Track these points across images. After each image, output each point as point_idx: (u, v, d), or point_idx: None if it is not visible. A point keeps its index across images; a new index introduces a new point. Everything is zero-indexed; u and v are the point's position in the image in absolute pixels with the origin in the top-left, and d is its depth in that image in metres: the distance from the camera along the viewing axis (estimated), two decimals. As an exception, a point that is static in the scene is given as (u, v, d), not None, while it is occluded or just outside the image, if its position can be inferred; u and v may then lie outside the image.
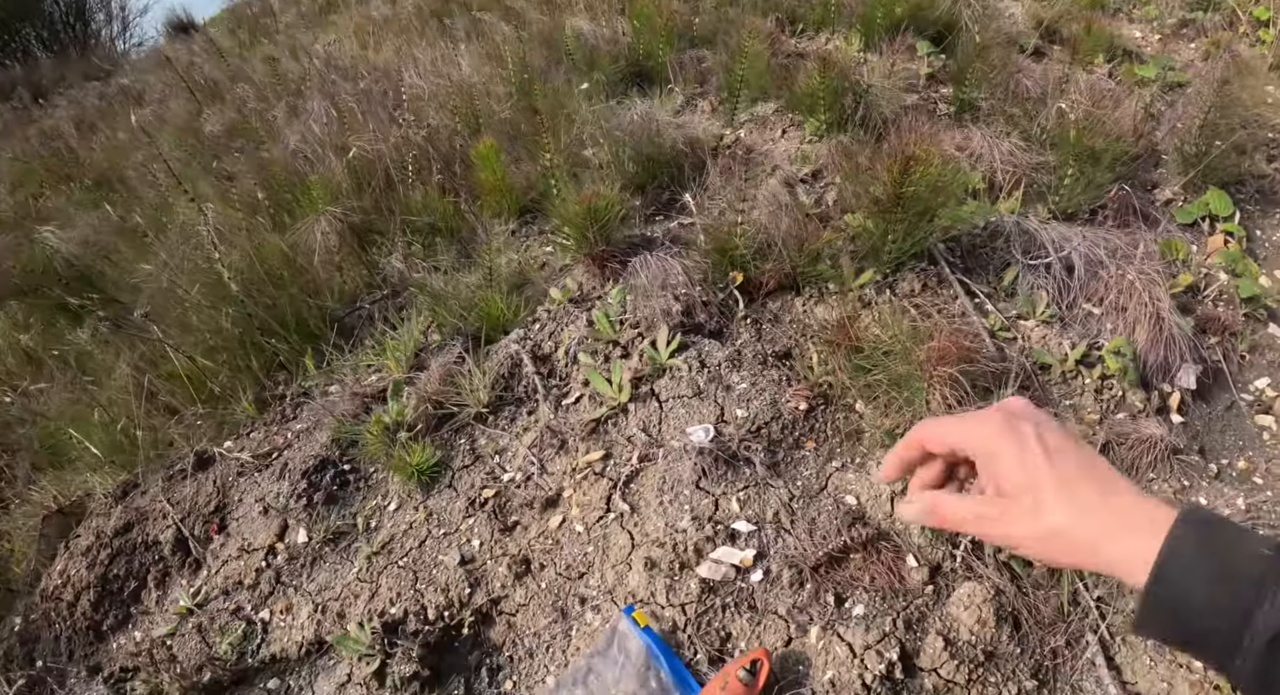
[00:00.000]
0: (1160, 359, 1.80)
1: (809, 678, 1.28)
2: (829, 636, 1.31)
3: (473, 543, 1.63)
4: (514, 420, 1.81)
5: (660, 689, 1.29)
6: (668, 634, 1.35)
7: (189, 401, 2.37)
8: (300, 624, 1.72)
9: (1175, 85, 2.76)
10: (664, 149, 2.34)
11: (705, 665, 1.32)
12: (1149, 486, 1.59)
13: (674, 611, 1.37)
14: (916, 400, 1.48)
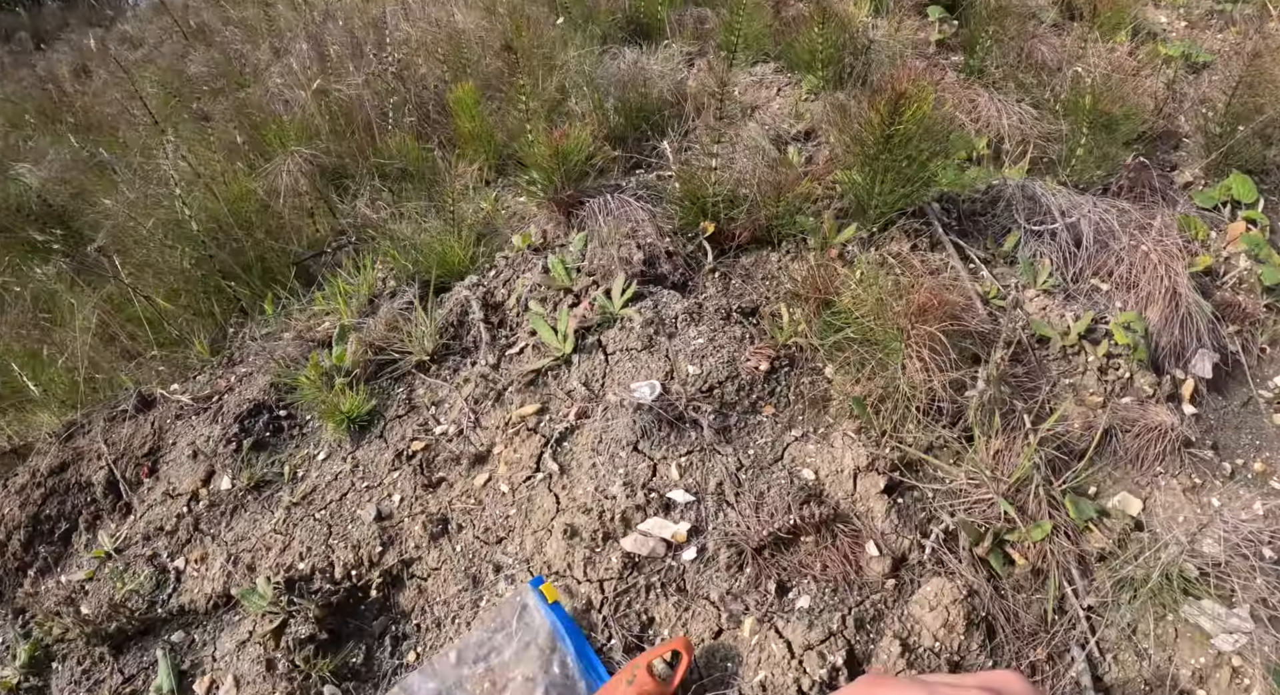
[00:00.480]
0: (1174, 342, 1.51)
1: (737, 677, 1.03)
2: (765, 631, 1.05)
3: (393, 498, 1.39)
4: (457, 371, 1.57)
5: (563, 677, 1.04)
6: (580, 613, 1.10)
7: (148, 346, 2.15)
8: (212, 575, 1.49)
9: (1201, 64, 2.43)
10: (650, 100, 2.07)
11: (620, 653, 1.07)
12: (1156, 479, 1.31)
13: (591, 588, 1.12)
14: (892, 363, 1.21)
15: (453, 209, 1.81)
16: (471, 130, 2.11)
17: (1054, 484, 1.20)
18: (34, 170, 2.49)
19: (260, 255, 2.14)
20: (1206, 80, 2.24)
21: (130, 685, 1.45)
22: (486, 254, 1.81)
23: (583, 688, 1.04)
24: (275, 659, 1.27)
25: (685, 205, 1.59)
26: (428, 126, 2.22)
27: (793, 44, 2.19)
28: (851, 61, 2.06)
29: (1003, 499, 1.15)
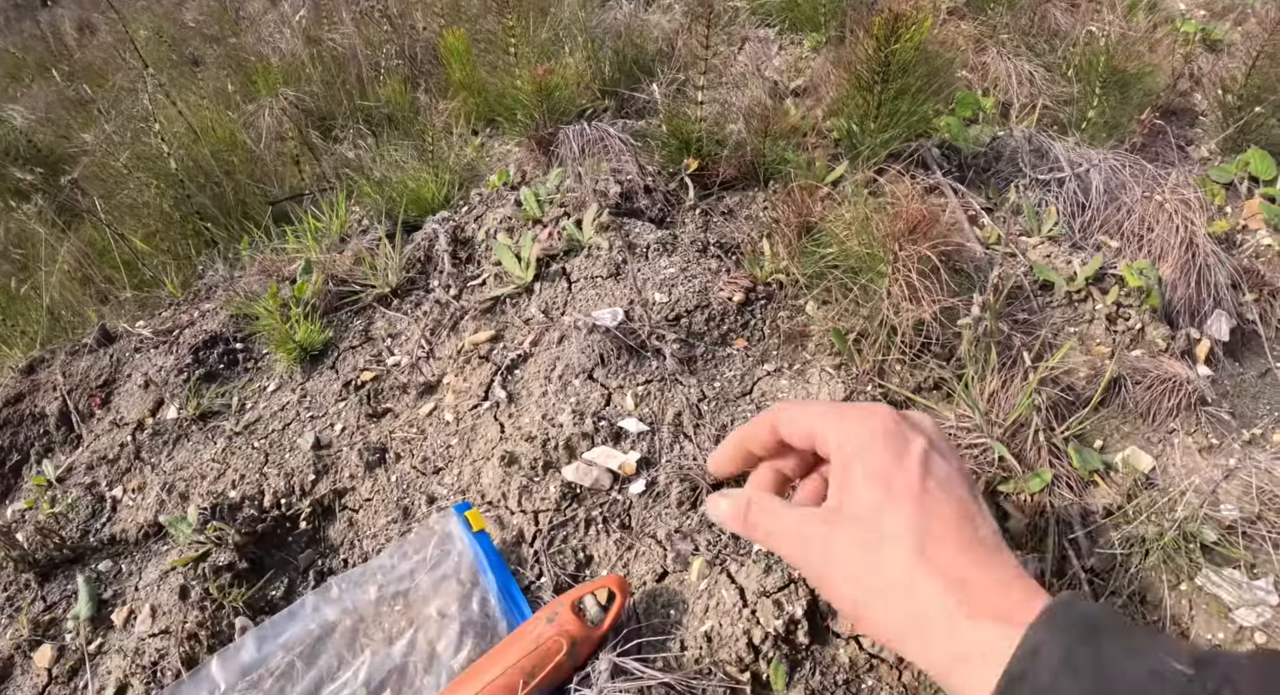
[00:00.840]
0: (1189, 298, 1.32)
1: (680, 626, 0.86)
2: (716, 575, 0.88)
3: (335, 428, 1.23)
4: (419, 305, 1.41)
5: (483, 615, 0.88)
6: (510, 546, 0.94)
7: (122, 288, 2.02)
8: (147, 504, 1.34)
9: (1219, 42, 2.24)
10: (646, 52, 1.92)
11: (549, 593, 0.90)
12: (1170, 437, 1.13)
13: (524, 519, 0.95)
14: (877, 289, 1.04)
15: (431, 147, 1.66)
16: (462, 79, 1.97)
17: (1055, 431, 1.02)
18: (23, 113, 2.38)
19: (240, 199, 2.00)
20: (1224, 59, 2.05)
21: (51, 613, 1.30)
22: (464, 195, 1.66)
23: (503, 628, 0.87)
24: (190, 587, 1.11)
25: (670, 141, 1.43)
26: (418, 75, 2.08)
27: (798, 3, 2.02)
28: (855, 18, 1.89)
29: (998, 443, 0.98)
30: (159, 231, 2.00)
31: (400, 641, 0.92)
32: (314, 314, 1.45)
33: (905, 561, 0.39)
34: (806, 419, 0.47)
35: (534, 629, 0.81)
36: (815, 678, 0.83)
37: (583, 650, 0.81)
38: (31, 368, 1.85)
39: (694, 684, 0.79)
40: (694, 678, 0.80)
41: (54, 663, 1.25)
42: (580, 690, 0.77)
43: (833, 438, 0.46)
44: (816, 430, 0.47)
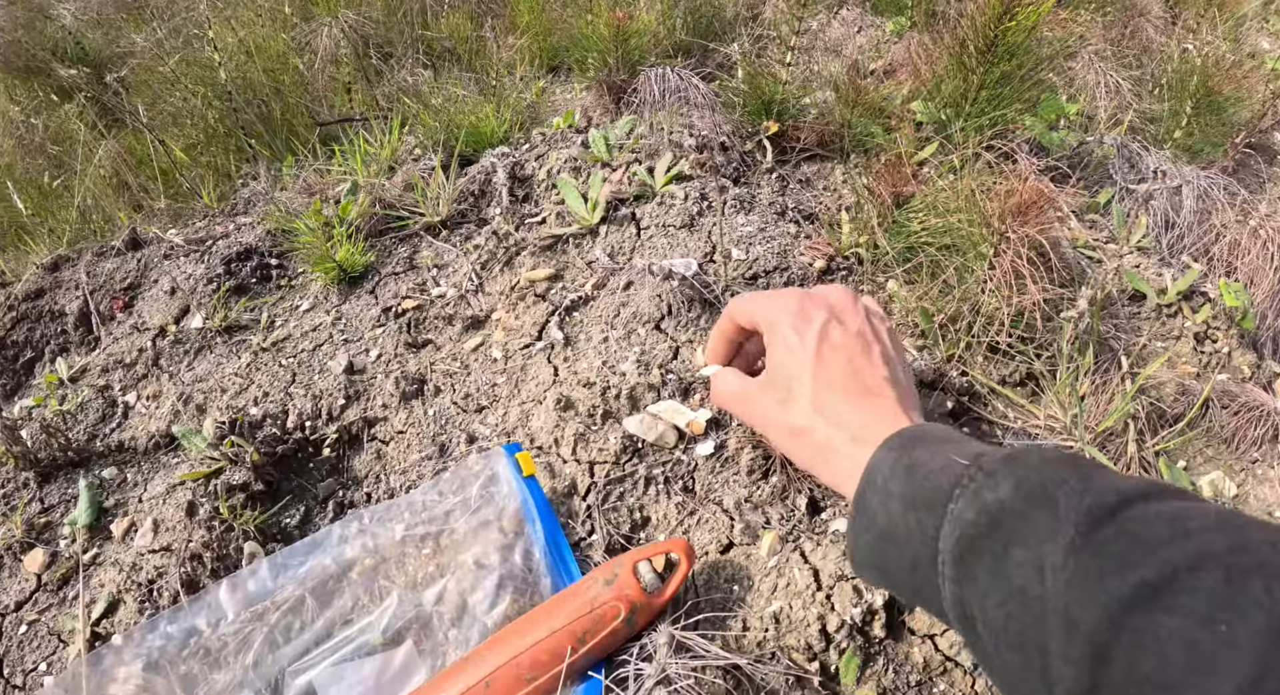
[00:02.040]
0: (1277, 328, 1.21)
1: (744, 604, 0.74)
2: (788, 552, 0.77)
3: (370, 353, 1.11)
4: (469, 238, 1.29)
5: (525, 569, 0.76)
6: (561, 497, 0.82)
7: (158, 197, 1.89)
8: (161, 413, 1.22)
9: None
10: (723, 17, 1.79)
11: (600, 552, 0.79)
12: (1253, 467, 1.02)
13: (578, 469, 0.83)
14: (974, 271, 0.92)
15: (495, 81, 1.52)
16: (530, 23, 1.83)
17: (1147, 444, 0.91)
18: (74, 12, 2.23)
19: (287, 119, 1.87)
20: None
21: (47, 515, 1.18)
22: (524, 135, 1.53)
23: (546, 585, 0.76)
24: (198, 504, 1.00)
25: (750, 101, 1.30)
26: (484, 12, 1.94)
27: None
28: (943, 6, 1.76)
29: (1091, 447, 0.86)
30: (200, 144, 1.86)
31: (428, 589, 0.81)
32: (357, 236, 1.32)
33: (806, 410, 0.51)
34: (747, 306, 0.57)
35: (589, 590, 0.69)
36: (888, 675, 0.72)
37: (640, 619, 0.69)
38: (55, 265, 1.72)
39: (758, 669, 0.68)
40: (758, 661, 0.69)
41: (44, 569, 1.14)
42: (639, 665, 0.66)
43: (760, 319, 0.56)
44: (754, 314, 0.56)
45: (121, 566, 1.08)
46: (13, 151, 1.93)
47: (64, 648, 1.09)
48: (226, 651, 0.87)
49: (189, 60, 1.76)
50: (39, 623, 1.12)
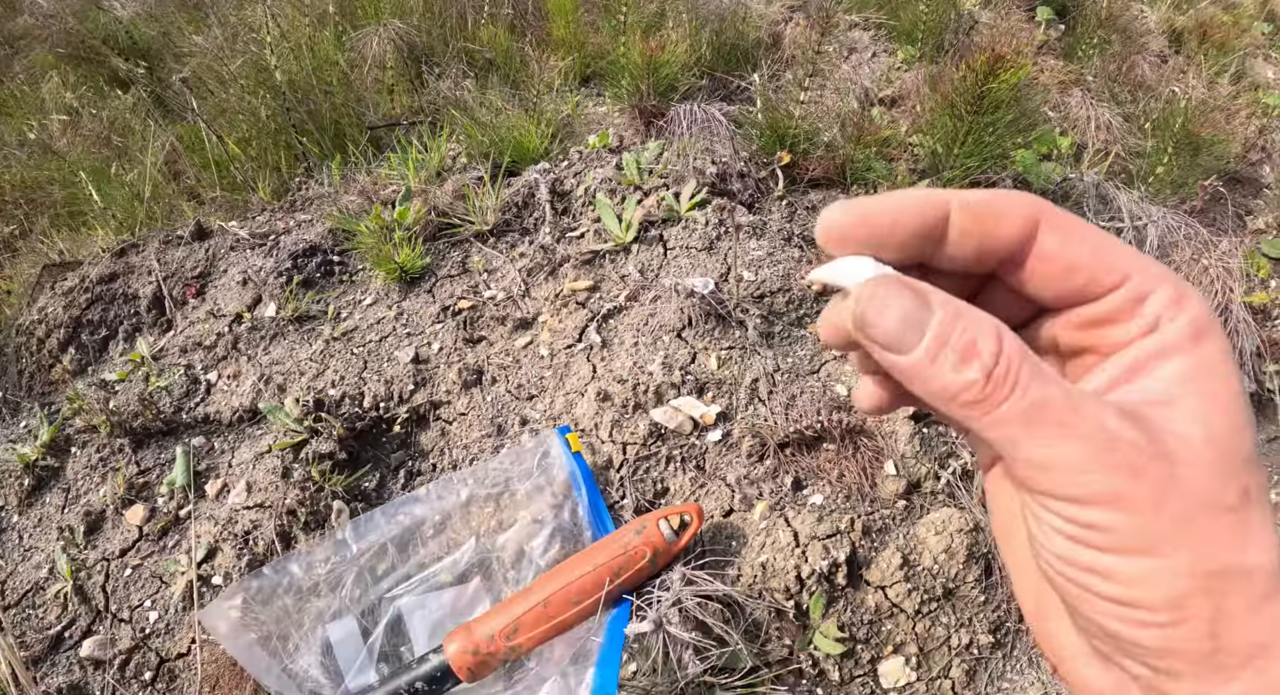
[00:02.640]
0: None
1: (739, 556, 1.04)
2: (775, 518, 1.06)
3: (432, 346, 1.41)
4: (514, 246, 1.58)
5: (572, 523, 1.06)
6: (600, 469, 1.12)
7: (211, 186, 2.18)
8: (242, 391, 1.52)
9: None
10: (746, 39, 2.06)
11: (630, 513, 1.08)
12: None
13: (614, 448, 1.13)
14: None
15: (536, 100, 1.81)
16: (564, 36, 2.11)
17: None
18: (125, 3, 2.52)
19: (335, 119, 2.15)
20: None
21: (145, 477, 1.49)
22: (561, 150, 1.82)
23: (588, 536, 1.06)
24: (291, 468, 1.29)
25: (766, 133, 1.59)
26: (522, 24, 2.22)
27: (897, 13, 2.17)
28: (951, 39, 2.04)
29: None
30: (252, 138, 2.15)
31: (493, 538, 1.10)
32: (415, 239, 1.61)
33: (1263, 528, 0.25)
34: (1109, 247, 0.28)
35: (623, 538, 0.99)
36: (846, 614, 1.01)
37: (661, 561, 0.99)
38: (123, 251, 2.02)
39: (748, 602, 0.98)
40: (748, 597, 0.98)
41: (145, 521, 1.45)
42: (659, 593, 0.96)
43: (1164, 302, 0.27)
44: (1132, 273, 0.28)
45: (217, 520, 1.39)
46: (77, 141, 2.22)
47: (165, 588, 1.40)
48: (321, 588, 1.17)
49: (248, 63, 2.04)
50: (142, 567, 1.43)
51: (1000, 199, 0.29)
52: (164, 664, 1.31)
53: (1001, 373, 0.26)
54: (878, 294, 0.28)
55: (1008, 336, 0.27)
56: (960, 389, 0.26)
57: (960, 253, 0.30)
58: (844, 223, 0.30)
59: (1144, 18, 2.59)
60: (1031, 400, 0.26)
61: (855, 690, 1.02)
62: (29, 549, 1.50)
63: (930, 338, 0.27)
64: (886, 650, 1.03)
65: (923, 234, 0.30)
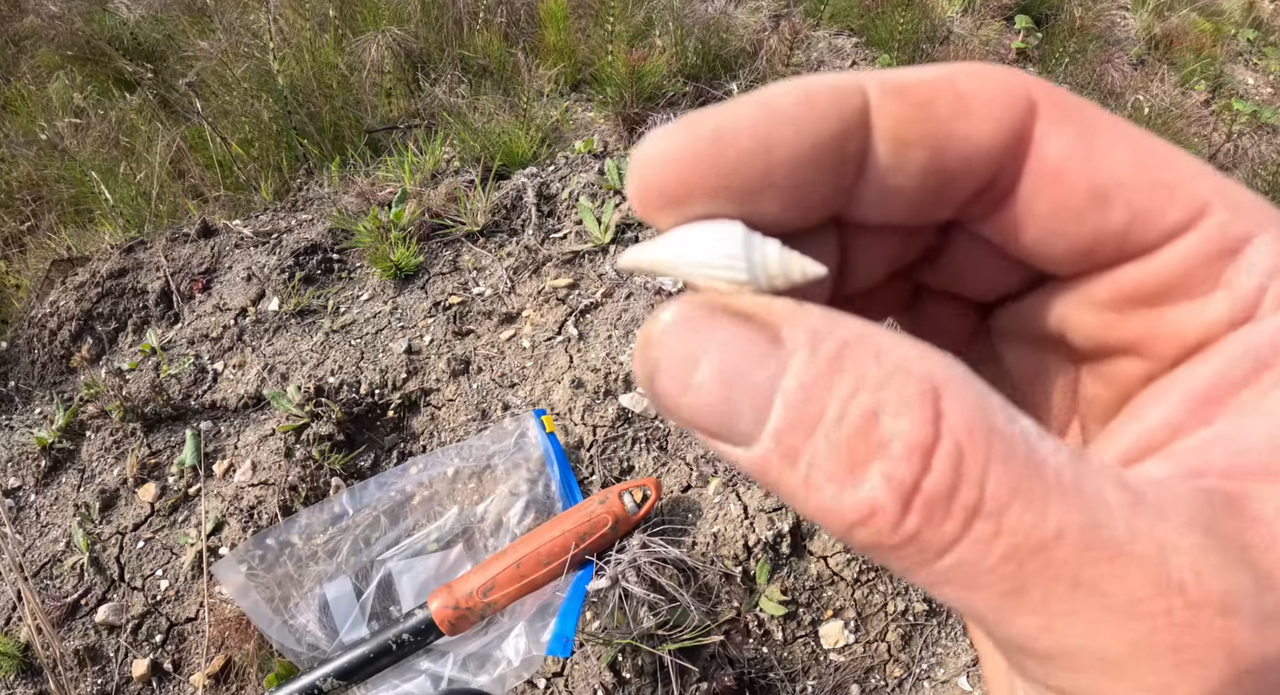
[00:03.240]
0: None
1: (694, 527, 1.21)
2: (728, 493, 1.23)
3: (424, 338, 1.58)
4: (502, 246, 1.75)
5: (545, 496, 1.23)
6: (571, 449, 1.29)
7: (215, 186, 2.36)
8: (247, 379, 1.70)
9: (1268, 126, 2.54)
10: (730, 47, 2.23)
11: (598, 487, 1.25)
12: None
13: (585, 430, 1.30)
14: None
15: (526, 107, 1.98)
16: (556, 43, 2.29)
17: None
18: (131, 6, 2.70)
19: (335, 121, 2.33)
20: (1269, 142, 2.36)
21: (156, 458, 1.66)
22: (549, 154, 1.99)
23: (559, 507, 1.23)
24: (293, 449, 1.47)
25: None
26: (515, 31, 2.39)
27: (876, 22, 2.33)
28: (927, 48, 2.20)
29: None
30: (254, 140, 2.33)
31: (474, 509, 1.28)
32: (409, 239, 1.79)
33: None
34: (1163, 156, 0.17)
35: (588, 507, 1.16)
36: (789, 580, 1.18)
37: (622, 529, 1.16)
38: (131, 247, 2.21)
39: (699, 566, 1.15)
40: (699, 562, 1.15)
41: (157, 498, 1.63)
42: (618, 556, 1.13)
43: (1272, 259, 0.16)
44: (1213, 203, 0.16)
45: (224, 497, 1.56)
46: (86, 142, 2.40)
47: (175, 558, 1.57)
48: (319, 554, 1.34)
49: (251, 69, 2.22)
50: (154, 540, 1.61)
51: (960, 74, 0.17)
52: (173, 627, 1.48)
53: (941, 485, 0.14)
54: (677, 336, 0.16)
55: (955, 395, 0.14)
56: (853, 519, 0.14)
57: (895, 183, 0.18)
58: (679, 161, 0.17)
59: (1124, 24, 2.75)
60: (1016, 541, 0.13)
61: (798, 649, 1.19)
62: (46, 525, 1.68)
63: (780, 418, 0.15)
64: (826, 614, 1.20)
65: (823, 160, 0.17)
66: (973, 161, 0.17)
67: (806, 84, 0.17)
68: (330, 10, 2.62)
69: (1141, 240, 0.16)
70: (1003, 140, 0.17)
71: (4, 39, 3.27)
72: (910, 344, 0.15)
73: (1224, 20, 2.93)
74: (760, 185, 0.17)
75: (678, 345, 0.16)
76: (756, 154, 0.16)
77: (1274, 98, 3.07)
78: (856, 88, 0.17)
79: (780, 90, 0.17)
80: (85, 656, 1.48)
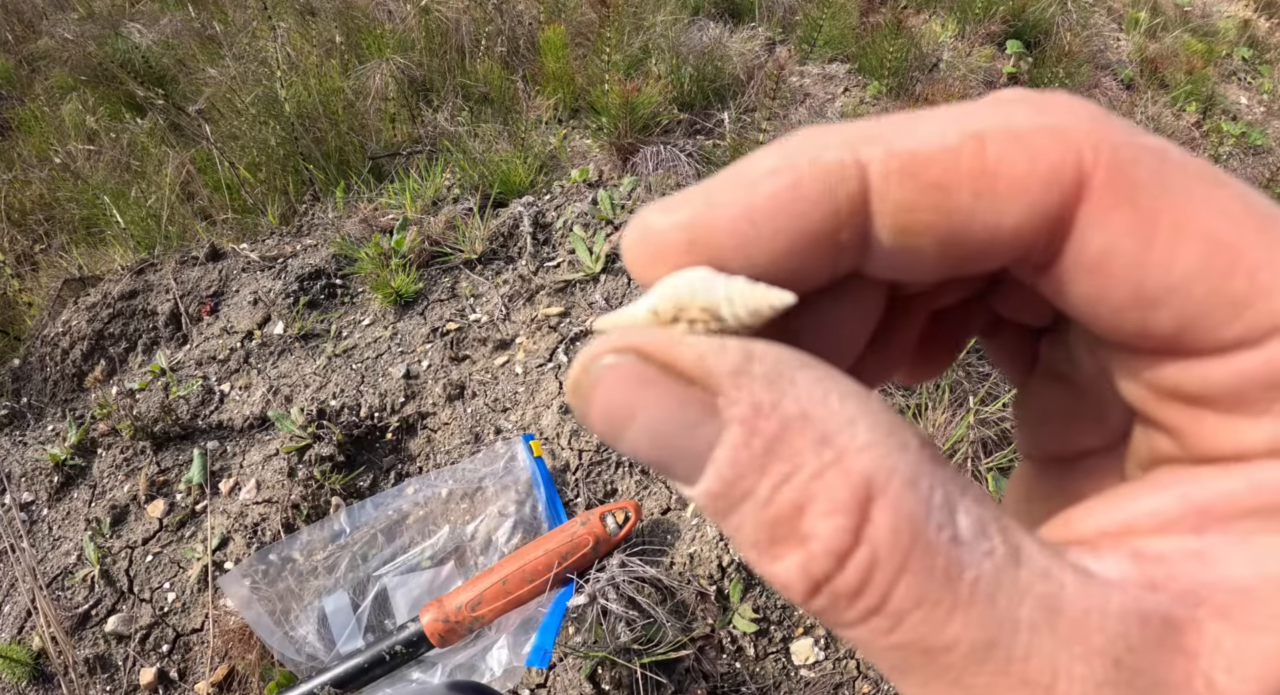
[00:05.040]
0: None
1: (672, 547, 1.31)
2: (705, 518, 1.33)
3: (422, 363, 1.69)
4: (499, 273, 1.87)
5: (532, 517, 1.34)
6: (558, 472, 1.39)
7: (223, 208, 2.49)
8: (253, 401, 1.81)
9: (1257, 149, 2.63)
10: (724, 75, 2.35)
11: (582, 509, 1.36)
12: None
13: (571, 454, 1.41)
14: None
15: (524, 136, 2.10)
16: (555, 70, 2.41)
17: (982, 460, 1.46)
18: (143, 31, 2.85)
19: (340, 147, 2.46)
20: (1257, 162, 2.44)
21: (165, 475, 1.78)
22: (545, 182, 2.11)
23: (546, 527, 1.33)
24: (296, 469, 1.58)
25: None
26: (515, 59, 2.52)
27: (866, 50, 2.44)
28: (918, 75, 2.30)
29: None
30: (261, 164, 2.46)
31: (465, 528, 1.38)
32: (410, 266, 1.90)
33: None
34: (1247, 252, 0.15)
35: (571, 528, 1.26)
36: (762, 598, 1.28)
37: (602, 549, 1.26)
38: (140, 270, 2.34)
39: (675, 585, 1.25)
40: (676, 581, 1.25)
41: (165, 514, 1.74)
42: (598, 574, 1.23)
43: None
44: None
45: (229, 514, 1.67)
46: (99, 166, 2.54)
47: (182, 572, 1.69)
48: (319, 569, 1.45)
49: (259, 96, 2.35)
50: (162, 554, 1.72)
51: (994, 138, 0.16)
52: (180, 638, 1.60)
53: (848, 586, 0.15)
54: (611, 387, 0.16)
55: (889, 502, 0.14)
56: (770, 578, 0.16)
57: (905, 261, 0.17)
58: (665, 240, 0.18)
59: (1117, 47, 2.85)
60: (908, 640, 0.15)
61: (769, 665, 1.28)
62: (58, 538, 1.80)
63: (711, 482, 0.15)
64: (797, 632, 1.30)
65: (811, 251, 0.17)
66: (995, 247, 0.16)
67: (794, 164, 0.16)
68: (336, 37, 2.76)
69: (1191, 347, 0.15)
70: (1033, 229, 0.15)
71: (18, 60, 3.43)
72: (863, 427, 0.14)
73: (1217, 40, 3.02)
74: (746, 270, 0.17)
75: (611, 395, 0.16)
76: (735, 250, 0.17)
77: (1267, 117, 3.15)
78: (854, 168, 0.16)
79: (765, 169, 0.16)
80: (95, 664, 1.59)
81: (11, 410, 2.09)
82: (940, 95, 1.63)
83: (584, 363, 0.16)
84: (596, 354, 0.16)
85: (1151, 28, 2.87)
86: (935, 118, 0.16)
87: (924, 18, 2.92)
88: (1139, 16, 3.08)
